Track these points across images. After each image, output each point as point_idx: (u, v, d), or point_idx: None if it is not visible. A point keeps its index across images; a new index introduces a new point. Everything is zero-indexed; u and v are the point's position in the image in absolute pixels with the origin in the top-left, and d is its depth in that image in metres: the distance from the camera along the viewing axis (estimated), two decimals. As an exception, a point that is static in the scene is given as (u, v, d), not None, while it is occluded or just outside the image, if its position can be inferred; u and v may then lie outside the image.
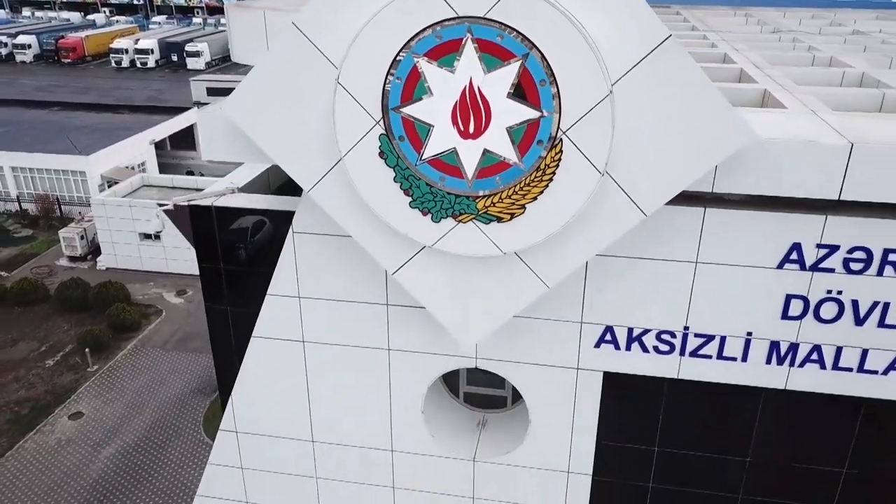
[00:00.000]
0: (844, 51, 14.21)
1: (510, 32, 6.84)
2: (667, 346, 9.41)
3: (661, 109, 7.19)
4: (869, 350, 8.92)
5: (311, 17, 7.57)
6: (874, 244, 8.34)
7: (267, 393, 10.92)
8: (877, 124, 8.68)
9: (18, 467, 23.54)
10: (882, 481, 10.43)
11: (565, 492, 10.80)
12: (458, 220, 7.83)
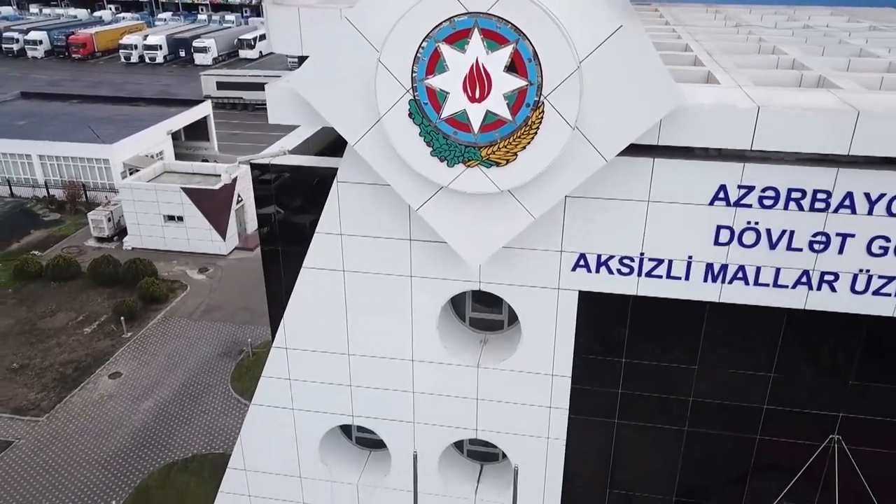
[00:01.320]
0: (788, 41, 16.91)
1: (506, 24, 9.51)
2: (627, 268, 12.12)
3: (616, 80, 9.88)
4: (781, 269, 11.65)
5: (359, 13, 10.26)
6: (780, 185, 11.05)
7: (312, 314, 13.60)
8: (786, 95, 11.39)
9: (68, 418, 26.27)
10: (802, 384, 13.14)
11: (550, 392, 13.51)
12: (467, 166, 10.51)
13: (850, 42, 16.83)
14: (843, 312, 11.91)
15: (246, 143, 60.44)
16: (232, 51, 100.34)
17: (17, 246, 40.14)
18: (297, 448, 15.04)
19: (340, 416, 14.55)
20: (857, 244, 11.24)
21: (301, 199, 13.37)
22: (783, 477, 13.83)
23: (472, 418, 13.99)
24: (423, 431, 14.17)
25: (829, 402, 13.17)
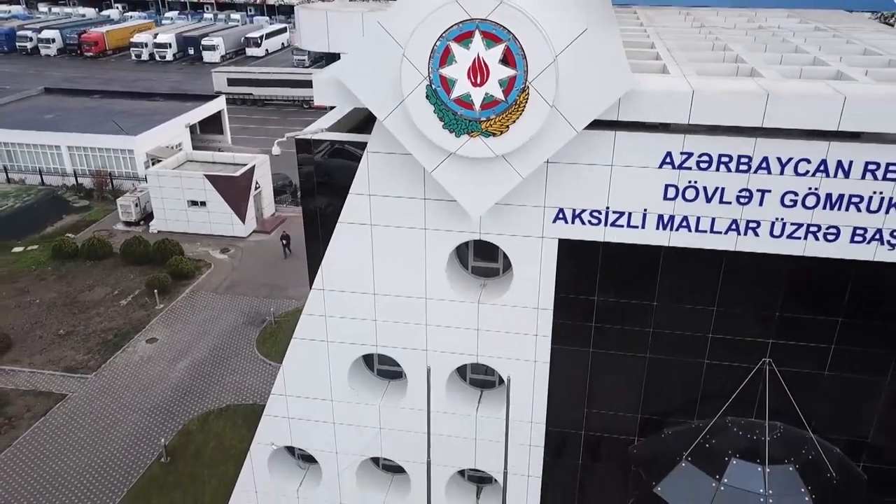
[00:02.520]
0: (738, 40, 20.11)
1: (500, 27, 12.69)
2: (596, 220, 15.32)
3: (583, 69, 13.06)
4: (715, 218, 14.86)
5: (388, 19, 13.44)
6: (713, 151, 14.25)
7: (345, 260, 16.80)
8: (719, 82, 14.58)
9: (113, 375, 29.49)
10: (739, 316, 16.32)
11: (536, 323, 16.73)
12: (471, 136, 13.69)
13: (790, 41, 20.05)
14: (767, 253, 15.14)
15: (257, 136, 63.70)
16: (239, 49, 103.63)
17: (52, 229, 43.34)
18: (330, 375, 18.26)
19: (366, 346, 17.78)
20: (772, 198, 14.44)
21: (336, 167, 16.57)
22: (726, 395, 17.04)
23: (474, 346, 17.22)
24: (433, 357, 17.37)
25: (760, 331, 16.38)
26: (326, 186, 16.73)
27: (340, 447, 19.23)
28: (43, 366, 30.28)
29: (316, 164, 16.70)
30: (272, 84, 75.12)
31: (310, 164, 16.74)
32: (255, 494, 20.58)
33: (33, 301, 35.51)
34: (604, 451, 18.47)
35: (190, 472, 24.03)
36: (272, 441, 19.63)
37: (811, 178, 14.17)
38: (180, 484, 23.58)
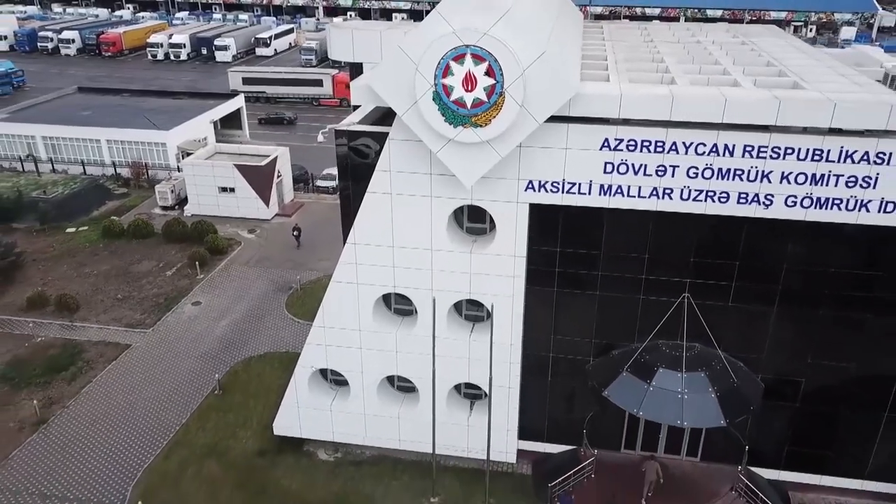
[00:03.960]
0: (674, 52, 25.76)
1: (484, 51, 18.33)
2: (556, 188, 20.96)
3: (542, 79, 18.69)
4: (641, 186, 20.51)
5: (406, 43, 19.06)
6: (637, 138, 19.91)
7: (371, 220, 22.41)
8: (642, 88, 20.23)
9: (167, 330, 35.11)
10: (665, 261, 21.97)
11: (513, 267, 22.36)
12: (464, 127, 19.32)
13: (713, 54, 25.71)
14: (680, 212, 20.78)
15: (272, 132, 69.19)
16: (249, 49, 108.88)
17: (98, 213, 48.88)
18: (358, 309, 23.91)
19: (386, 286, 23.43)
20: (680, 171, 20.10)
21: (368, 151, 22.21)
22: (656, 323, 22.68)
23: (467, 285, 22.88)
24: (438, 295, 22.99)
25: (680, 273, 22.05)
26: (358, 166, 22.38)
27: (365, 367, 24.92)
28: (108, 323, 35.81)
29: (350, 149, 22.37)
30: (283, 83, 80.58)
31: (345, 148, 22.41)
32: (297, 409, 26.26)
33: (91, 272, 41.01)
34: (567, 369, 24.16)
35: (239, 401, 29.61)
36: (312, 364, 25.31)
37: (707, 157, 19.85)
38: (232, 408, 29.16)
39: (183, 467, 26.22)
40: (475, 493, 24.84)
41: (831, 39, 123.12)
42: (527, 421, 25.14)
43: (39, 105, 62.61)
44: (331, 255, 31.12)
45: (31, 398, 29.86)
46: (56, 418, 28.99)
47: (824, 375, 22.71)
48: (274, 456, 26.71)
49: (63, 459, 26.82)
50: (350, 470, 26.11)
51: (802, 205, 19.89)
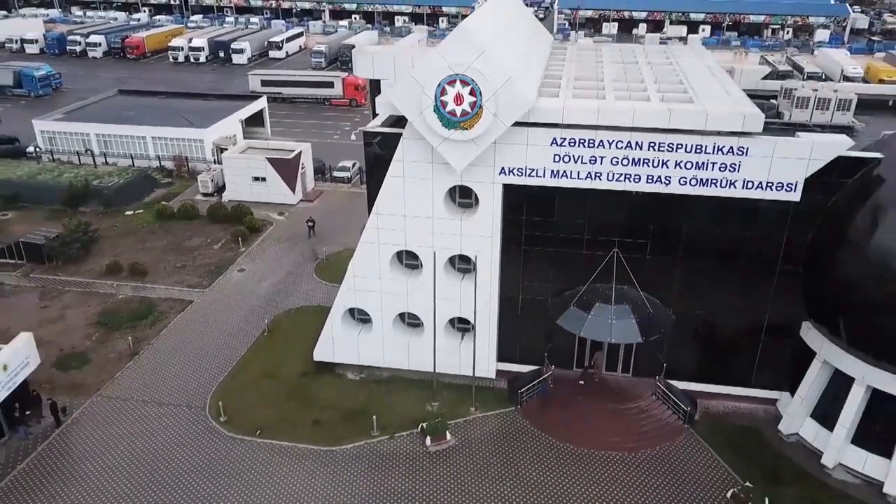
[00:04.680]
0: (613, 73, 34.38)
1: (469, 77, 26.97)
2: (521, 173, 29.63)
3: (509, 96, 27.32)
4: (580, 171, 29.16)
5: (416, 71, 27.72)
6: (576, 136, 28.57)
7: (390, 197, 31.06)
8: (579, 102, 28.90)
9: (220, 290, 43.74)
10: (602, 224, 30.60)
11: (492, 229, 31.02)
12: (455, 130, 28.01)
13: (642, 72, 34.32)
14: (610, 189, 29.41)
15: (289, 129, 77.66)
16: (263, 51, 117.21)
17: (148, 199, 57.48)
18: (379, 262, 32.56)
19: (399, 245, 32.08)
20: (607, 160, 28.74)
21: (388, 147, 30.83)
22: (595, 271, 31.33)
23: (458, 244, 31.54)
24: (437, 251, 31.63)
25: (611, 234, 30.69)
26: (380, 158, 31.03)
27: (384, 307, 33.58)
28: (172, 284, 44.35)
29: (376, 144, 31.02)
30: (298, 84, 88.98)
31: (372, 144, 31.07)
32: (332, 340, 34.95)
33: (151, 247, 49.47)
34: (532, 306, 32.80)
35: (283, 340, 38.17)
36: (345, 304, 33.99)
37: (624, 150, 28.50)
38: (278, 345, 37.74)
39: (246, 384, 34.98)
40: (464, 401, 33.52)
41: (806, 41, 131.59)
42: (503, 347, 33.89)
43: (88, 106, 71.12)
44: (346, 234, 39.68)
45: (125, 337, 38.63)
46: (144, 351, 37.75)
47: (717, 309, 31.41)
48: (313, 376, 35.43)
49: (154, 379, 35.58)
50: (371, 386, 34.81)
51: (690, 184, 28.56)
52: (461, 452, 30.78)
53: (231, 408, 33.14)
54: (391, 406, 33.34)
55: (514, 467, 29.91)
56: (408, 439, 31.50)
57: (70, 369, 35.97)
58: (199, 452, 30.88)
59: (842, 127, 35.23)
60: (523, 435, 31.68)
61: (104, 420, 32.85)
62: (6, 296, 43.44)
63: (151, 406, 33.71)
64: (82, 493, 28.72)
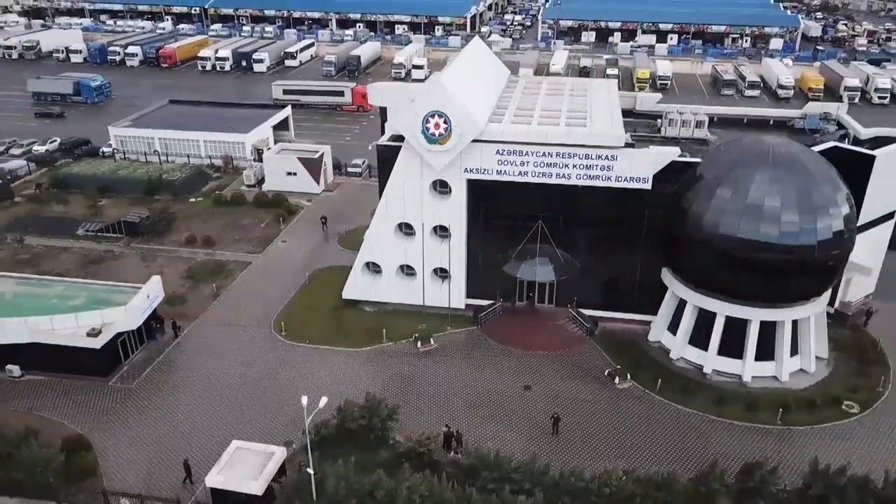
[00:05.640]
0: (546, 102, 50.98)
1: (444, 112, 43.59)
2: (479, 172, 46.30)
3: (468, 124, 43.91)
4: (515, 170, 45.83)
5: (412, 106, 44.35)
6: (512, 149, 45.21)
7: (394, 189, 47.67)
8: (514, 126, 45.63)
9: (269, 255, 60.43)
10: (537, 204, 47.23)
11: (460, 208, 47.68)
12: (435, 144, 44.68)
13: (564, 102, 50.88)
14: (536, 182, 46.03)
15: (308, 132, 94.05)
16: (279, 60, 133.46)
17: (205, 189, 73.99)
18: (388, 230, 49.22)
19: (400, 219, 48.71)
20: (531, 163, 45.32)
21: (393, 154, 47.46)
22: (525, 237, 47.94)
23: (440, 218, 48.20)
24: (425, 223, 48.25)
25: (537, 210, 47.31)
26: (388, 161, 47.67)
27: (390, 260, 50.24)
28: (234, 251, 60.78)
29: (385, 153, 47.68)
30: (314, 93, 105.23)
31: (383, 152, 47.77)
32: (355, 284, 51.66)
33: (214, 224, 65.66)
34: (489, 259, 49.42)
35: (319, 288, 54.66)
36: (364, 259, 50.66)
37: (542, 157, 45.14)
38: (316, 290, 54.27)
39: (296, 313, 51.72)
40: (443, 322, 50.18)
41: (761, 49, 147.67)
42: (469, 287, 50.57)
43: (147, 115, 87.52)
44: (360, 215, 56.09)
45: (208, 285, 55.36)
46: (222, 295, 54.49)
47: (607, 261, 48.04)
48: (342, 309, 52.10)
49: (233, 310, 52.32)
50: (381, 314, 51.42)
51: (583, 179, 45.16)
52: (440, 352, 47.60)
53: (287, 326, 49.89)
54: (395, 325, 49.98)
55: (473, 360, 46.75)
56: (406, 345, 48.31)
57: (176, 305, 52.59)
58: (267, 352, 47.62)
59: (699, 139, 51.48)
60: (481, 342, 48.52)
61: (204, 334, 49.64)
62: (117, 259, 60.23)
63: (234, 326, 50.48)
64: (193, 376, 45.50)
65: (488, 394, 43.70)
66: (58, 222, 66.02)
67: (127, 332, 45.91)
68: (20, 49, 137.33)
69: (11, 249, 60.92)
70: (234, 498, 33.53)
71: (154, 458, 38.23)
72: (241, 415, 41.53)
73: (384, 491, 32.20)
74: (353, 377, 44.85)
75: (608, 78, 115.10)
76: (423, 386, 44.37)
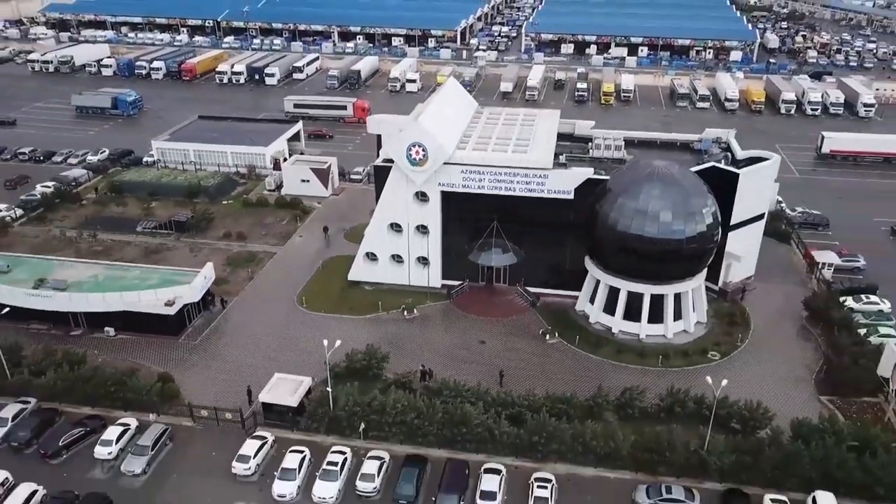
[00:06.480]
0: (500, 131, 67.44)
1: (421, 143, 60.02)
2: (450, 186, 62.81)
3: (439, 151, 60.37)
4: (475, 184, 62.32)
5: (400, 136, 60.83)
6: (474, 171, 61.71)
7: (388, 196, 64.14)
8: (474, 152, 62.15)
9: (290, 247, 76.88)
10: (491, 207, 63.73)
11: (438, 211, 64.20)
12: (416, 166, 61.17)
13: (514, 130, 67.33)
14: (491, 193, 62.58)
15: (315, 142, 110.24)
16: (288, 74, 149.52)
17: (234, 193, 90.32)
18: (381, 228, 65.72)
19: (391, 219, 65.19)
20: (486, 179, 61.77)
21: (386, 172, 63.96)
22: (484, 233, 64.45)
23: (421, 219, 64.68)
24: (410, 223, 64.77)
25: (493, 213, 63.80)
26: (382, 175, 64.18)
27: (384, 250, 66.81)
28: (262, 244, 76.92)
29: (380, 171, 64.22)
30: (321, 107, 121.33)
31: (379, 169, 64.31)
32: (358, 268, 68.22)
33: (243, 222, 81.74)
34: (458, 249, 65.90)
35: (330, 272, 70.94)
36: (365, 249, 67.18)
37: (495, 175, 61.64)
38: (327, 274, 70.57)
39: (313, 290, 68.29)
40: (424, 298, 66.72)
41: (724, 59, 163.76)
42: (444, 271, 67.14)
43: (182, 129, 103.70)
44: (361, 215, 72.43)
45: (245, 270, 71.88)
46: (256, 277, 71.08)
47: (546, 251, 64.55)
48: (348, 288, 68.65)
49: (265, 289, 68.90)
50: (378, 291, 67.90)
51: (525, 191, 61.62)
52: (421, 319, 64.22)
53: (307, 300, 66.45)
54: (387, 300, 66.48)
55: (445, 323, 63.40)
56: (395, 313, 64.89)
57: (221, 285, 69.01)
58: (293, 319, 64.14)
59: (618, 159, 67.59)
60: (451, 311, 65.16)
61: (244, 307, 66.18)
62: (170, 250, 76.71)
63: (266, 301, 67.02)
64: (240, 334, 62.09)
65: (454, 346, 60.32)
66: (119, 221, 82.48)
67: (190, 304, 62.42)
68: (56, 63, 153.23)
69: (88, 243, 77.45)
70: (278, 409, 50.18)
71: (218, 388, 54.80)
72: (277, 359, 58.00)
73: (378, 402, 48.89)
74: (357, 336, 61.24)
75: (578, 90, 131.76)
76: (407, 341, 60.92)
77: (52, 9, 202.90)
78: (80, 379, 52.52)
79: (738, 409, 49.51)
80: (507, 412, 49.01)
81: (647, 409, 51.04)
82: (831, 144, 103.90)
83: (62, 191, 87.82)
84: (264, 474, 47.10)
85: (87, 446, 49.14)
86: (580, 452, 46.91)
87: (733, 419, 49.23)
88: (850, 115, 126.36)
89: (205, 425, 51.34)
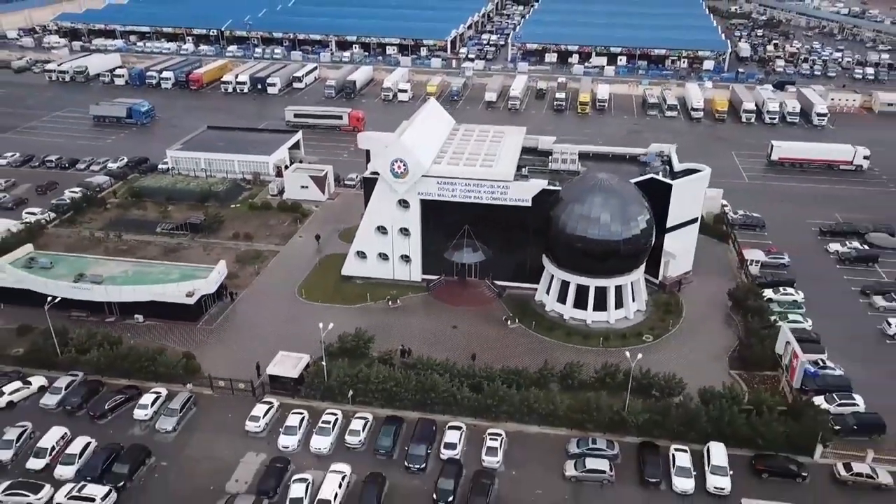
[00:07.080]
0: (473, 147, 78.54)
1: (402, 159, 71.08)
2: (426, 195, 73.89)
3: (418, 166, 71.42)
4: (450, 193, 73.43)
5: (386, 152, 71.90)
6: (447, 183, 72.80)
7: (375, 202, 75.20)
8: (449, 166, 73.33)
9: (291, 246, 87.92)
10: (466, 216, 74.81)
11: (417, 216, 75.30)
12: (398, 178, 72.26)
13: (484, 146, 78.41)
14: (464, 202, 73.59)
15: (313, 150, 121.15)
16: (288, 83, 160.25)
17: (241, 198, 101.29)
18: (370, 230, 76.81)
19: (379, 223, 76.24)
20: (458, 189, 72.88)
21: (373, 183, 75.05)
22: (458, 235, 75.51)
23: (403, 223, 75.77)
24: (394, 226, 75.84)
25: (464, 220, 74.86)
26: (371, 186, 75.27)
27: (372, 249, 77.90)
28: (267, 243, 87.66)
29: (369, 181, 75.33)
30: (319, 117, 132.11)
31: (368, 180, 75.44)
32: (351, 264, 79.33)
33: (250, 224, 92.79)
34: (438, 248, 76.96)
35: (326, 269, 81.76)
36: (356, 248, 78.29)
37: (465, 186, 72.80)
38: (325, 270, 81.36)
39: (312, 283, 79.42)
40: (407, 290, 77.86)
41: (697, 68, 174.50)
42: (424, 267, 78.27)
43: (193, 139, 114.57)
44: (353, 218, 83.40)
45: (252, 266, 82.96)
46: (262, 272, 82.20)
47: (510, 250, 75.66)
48: (341, 282, 79.77)
49: (270, 282, 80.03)
50: (367, 285, 78.96)
51: (491, 199, 72.73)
52: (403, 308, 75.42)
53: (306, 292, 77.59)
54: (375, 292, 77.60)
55: (424, 312, 74.58)
56: (382, 304, 76.04)
57: (232, 279, 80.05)
58: (294, 308, 75.26)
59: (573, 171, 78.51)
60: (429, 302, 76.37)
61: (252, 298, 77.31)
62: (186, 249, 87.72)
63: (271, 293, 78.16)
64: (250, 321, 73.24)
65: (430, 331, 71.48)
66: (140, 223, 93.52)
67: (207, 295, 73.49)
68: (72, 73, 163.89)
69: (114, 243, 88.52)
70: (282, 380, 61.41)
71: (232, 364, 65.88)
72: (280, 340, 68.94)
73: (364, 374, 60.12)
74: (348, 321, 72.19)
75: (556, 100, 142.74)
76: (391, 327, 72.04)
77: (63, 17, 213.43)
78: (118, 356, 63.69)
79: (658, 379, 60.72)
80: (469, 382, 60.19)
81: (585, 381, 62.20)
82: (780, 152, 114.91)
83: (88, 196, 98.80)
84: (271, 431, 58.29)
85: (127, 410, 60.34)
86: (526, 413, 58.12)
87: (654, 388, 60.41)
88: (805, 124, 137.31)
89: (222, 394, 62.51)
